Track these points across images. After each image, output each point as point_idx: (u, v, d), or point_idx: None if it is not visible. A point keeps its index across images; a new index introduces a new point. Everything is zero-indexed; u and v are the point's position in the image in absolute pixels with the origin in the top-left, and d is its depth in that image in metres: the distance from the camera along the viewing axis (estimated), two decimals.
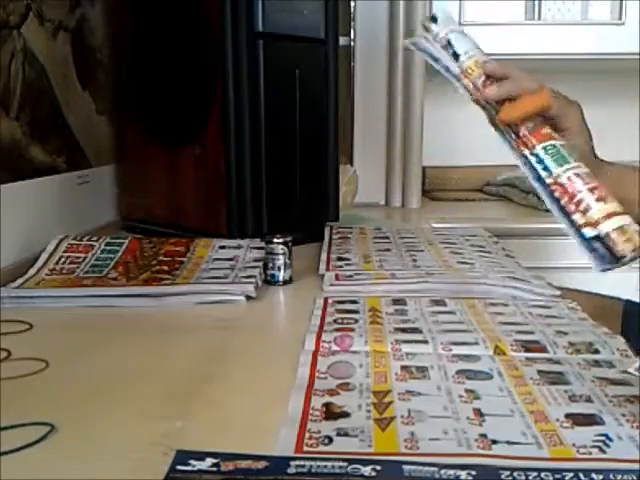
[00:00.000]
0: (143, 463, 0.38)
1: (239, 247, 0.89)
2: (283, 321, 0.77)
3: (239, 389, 0.51)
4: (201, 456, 0.38)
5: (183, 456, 0.38)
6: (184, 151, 1.04)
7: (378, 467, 0.36)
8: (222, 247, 0.89)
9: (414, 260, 0.88)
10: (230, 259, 0.85)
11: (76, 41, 1.12)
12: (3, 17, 0.89)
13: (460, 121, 1.73)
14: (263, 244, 0.89)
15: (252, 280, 0.76)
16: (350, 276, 0.81)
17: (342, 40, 1.23)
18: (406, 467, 0.36)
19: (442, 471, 0.36)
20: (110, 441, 0.42)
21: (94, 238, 0.91)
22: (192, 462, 0.37)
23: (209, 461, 0.37)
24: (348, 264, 0.86)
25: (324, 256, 0.90)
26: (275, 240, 0.80)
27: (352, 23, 1.50)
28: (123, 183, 1.22)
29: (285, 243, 0.80)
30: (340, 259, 0.89)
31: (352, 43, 1.50)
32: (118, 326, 0.66)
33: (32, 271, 0.80)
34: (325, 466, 0.37)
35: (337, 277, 0.80)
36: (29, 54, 0.96)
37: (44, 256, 0.84)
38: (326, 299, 0.71)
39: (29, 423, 0.43)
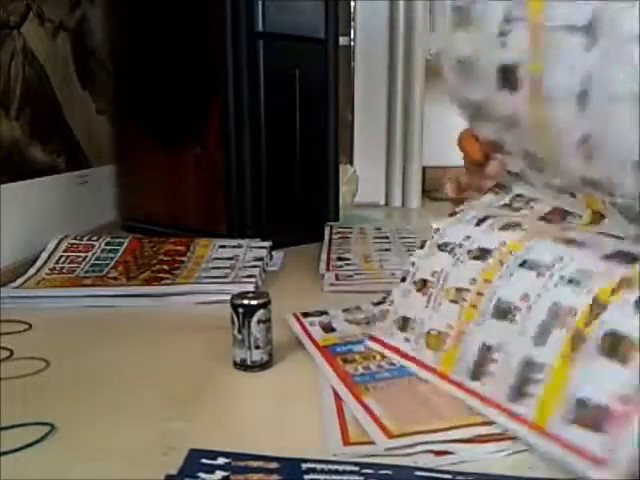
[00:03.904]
0: (143, 463, 0.38)
1: (239, 246, 0.89)
2: (283, 321, 0.77)
3: (239, 389, 0.51)
4: (213, 455, 0.38)
5: (196, 454, 0.38)
6: (184, 151, 1.04)
7: (390, 472, 0.36)
8: (222, 246, 0.89)
9: None
10: (230, 258, 0.85)
11: (76, 41, 1.12)
12: (3, 17, 0.89)
13: (460, 121, 1.73)
14: (263, 244, 0.90)
15: (252, 280, 0.76)
16: (350, 276, 0.81)
17: (342, 40, 1.23)
18: (419, 473, 0.36)
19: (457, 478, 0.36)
20: (110, 441, 0.42)
21: (94, 238, 0.91)
22: (204, 460, 0.37)
23: (221, 460, 0.37)
24: (348, 264, 0.86)
25: (324, 256, 0.90)
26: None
27: (352, 23, 1.50)
28: (123, 183, 1.22)
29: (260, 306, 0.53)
30: (340, 259, 0.89)
31: (352, 43, 1.50)
32: (118, 326, 0.66)
33: (32, 271, 0.80)
34: (336, 470, 0.37)
35: (337, 277, 0.81)
36: (29, 54, 0.96)
37: (44, 256, 0.84)
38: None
39: (29, 423, 0.43)
